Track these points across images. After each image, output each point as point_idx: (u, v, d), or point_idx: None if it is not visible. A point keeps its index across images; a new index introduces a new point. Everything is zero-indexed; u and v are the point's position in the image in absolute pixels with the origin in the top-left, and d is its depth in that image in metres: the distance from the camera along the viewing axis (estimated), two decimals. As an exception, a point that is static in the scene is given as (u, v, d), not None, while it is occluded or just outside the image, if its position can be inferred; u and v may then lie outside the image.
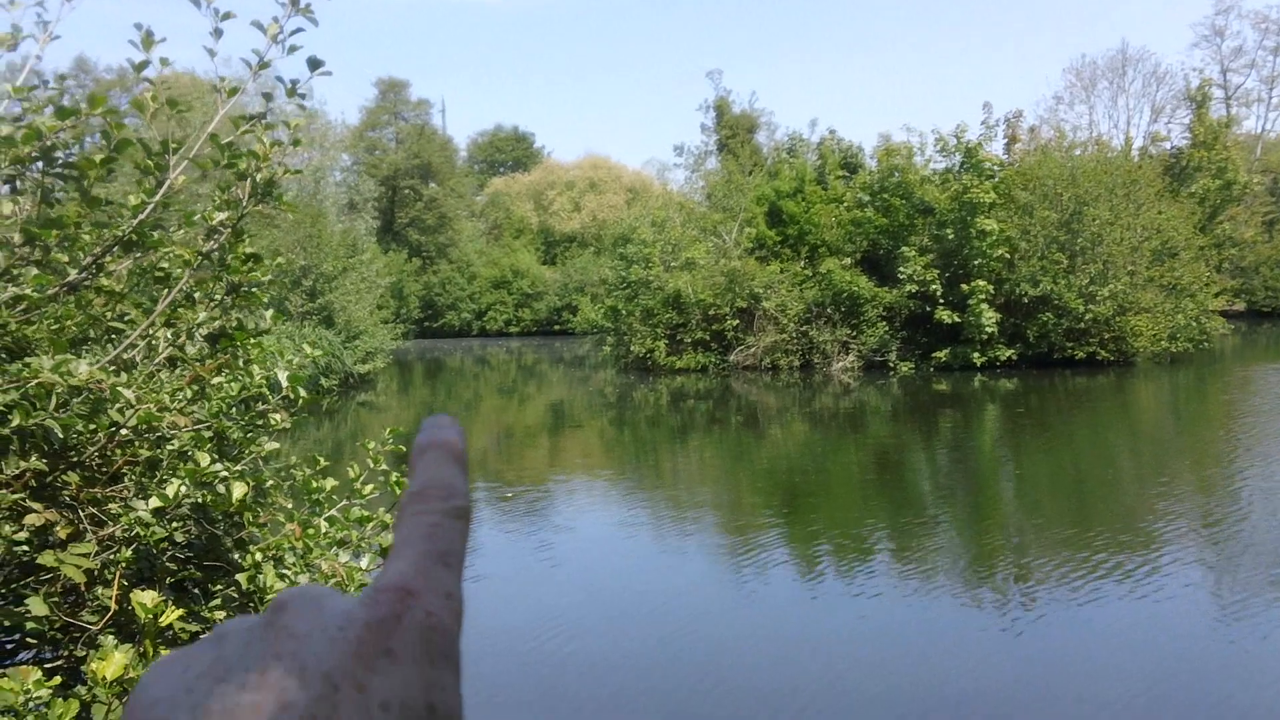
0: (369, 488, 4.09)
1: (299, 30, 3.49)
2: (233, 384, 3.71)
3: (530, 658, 8.03)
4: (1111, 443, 19.10)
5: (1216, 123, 55.01)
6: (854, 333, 31.88)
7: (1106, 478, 15.55)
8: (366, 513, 3.93)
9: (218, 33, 3.44)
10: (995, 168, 31.57)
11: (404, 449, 4.29)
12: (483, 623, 8.87)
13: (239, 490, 3.25)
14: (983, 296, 29.38)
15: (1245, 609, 8.64)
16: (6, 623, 2.76)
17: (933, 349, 30.86)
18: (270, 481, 3.80)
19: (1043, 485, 15.19)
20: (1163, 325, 30.08)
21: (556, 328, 62.92)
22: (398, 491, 4.01)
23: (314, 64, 3.53)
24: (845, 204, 34.69)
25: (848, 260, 32.44)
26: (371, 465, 4.15)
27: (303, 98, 3.63)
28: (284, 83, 3.53)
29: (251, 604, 3.43)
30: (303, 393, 3.78)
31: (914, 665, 7.69)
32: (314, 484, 3.95)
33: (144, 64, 3.26)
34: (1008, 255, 29.98)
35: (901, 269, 30.69)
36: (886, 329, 31.37)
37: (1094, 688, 6.98)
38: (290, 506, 3.90)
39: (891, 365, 31.03)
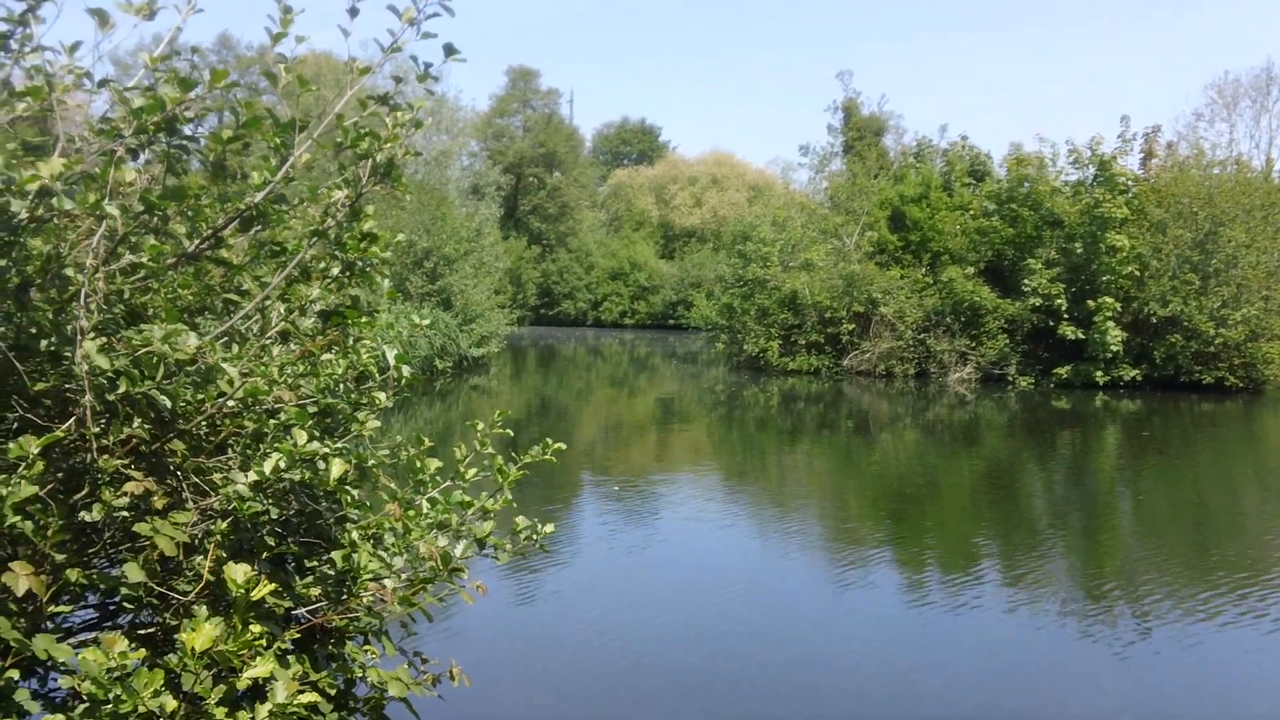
0: (472, 471, 4.08)
1: (435, 15, 3.49)
2: (341, 360, 3.74)
3: (611, 663, 8.00)
4: (1235, 472, 18.28)
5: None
6: (973, 344, 31.11)
7: (1228, 507, 14.91)
8: (468, 497, 3.91)
9: (354, 11, 3.46)
10: (1129, 183, 30.40)
11: (511, 433, 4.28)
12: (573, 615, 8.88)
13: (338, 468, 3.27)
14: (1109, 314, 28.35)
15: None
16: (103, 586, 2.82)
17: (1054, 365, 29.90)
18: (372, 461, 3.81)
19: (1161, 512, 14.57)
20: (1300, 353, 28.63)
21: (671, 322, 63.00)
22: (501, 477, 4.01)
23: (449, 50, 3.53)
24: (971, 212, 33.85)
25: (970, 269, 31.66)
26: (478, 448, 4.14)
27: (435, 80, 3.63)
28: (418, 64, 3.53)
29: (346, 583, 3.45)
30: (407, 372, 3.79)
31: (1018, 688, 7.44)
32: (418, 464, 3.96)
33: (280, 35, 3.28)
34: (1137, 273, 28.87)
35: (1026, 281, 29.81)
36: (1007, 342, 30.52)
37: None
38: (393, 486, 3.91)
39: (1010, 379, 30.18)
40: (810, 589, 10.19)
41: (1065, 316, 29.31)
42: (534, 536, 4.01)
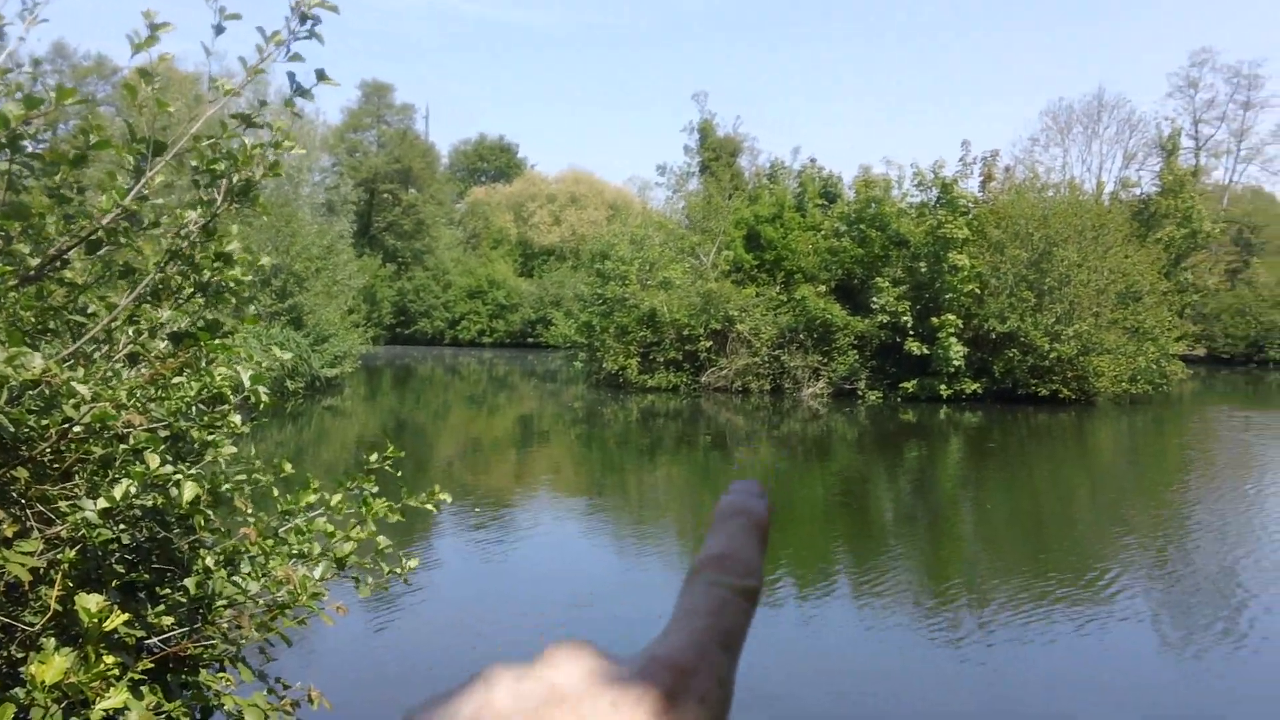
0: (338, 497, 4.02)
1: (307, 38, 3.41)
2: (193, 383, 3.65)
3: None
4: (1070, 480, 19.30)
5: (1185, 171, 55.81)
6: (825, 359, 32.03)
7: (1064, 515, 15.76)
8: (331, 526, 3.86)
9: (219, 29, 3.38)
10: (970, 204, 31.85)
11: (391, 469, 4.21)
12: (422, 638, 8.81)
13: (190, 491, 3.20)
14: (952, 330, 29.59)
15: (1192, 647, 8.80)
16: (-56, 620, 2.70)
17: (901, 379, 31.04)
18: (227, 485, 3.73)
19: (1002, 519, 15.30)
20: (1124, 367, 30.39)
21: (530, 340, 62.80)
22: (367, 509, 3.96)
23: (321, 75, 3.48)
24: (823, 232, 34.88)
25: (822, 288, 32.61)
26: (359, 482, 4.06)
27: (310, 98, 3.58)
28: (293, 82, 3.44)
29: (200, 610, 3.37)
30: (264, 395, 3.73)
31: (869, 693, 7.72)
32: (289, 497, 3.89)
33: (144, 45, 3.17)
34: (978, 291, 30.23)
35: (874, 299, 30.88)
36: (857, 357, 31.55)
37: None
38: (250, 511, 3.83)
39: (860, 393, 31.18)
40: (668, 606, 10.31)
41: (911, 333, 30.45)
42: (398, 570, 3.99)
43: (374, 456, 4.12)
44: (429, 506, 4.05)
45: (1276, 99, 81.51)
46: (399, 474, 4.16)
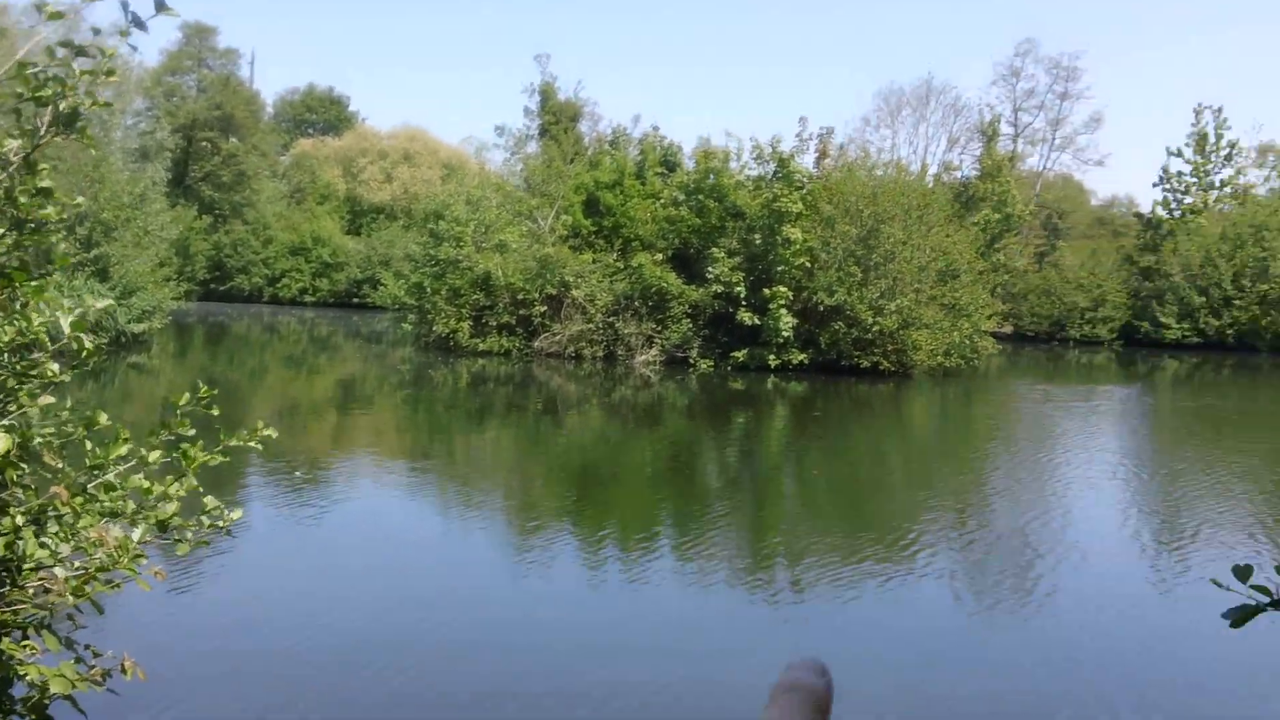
0: (156, 454, 3.68)
1: None
2: (6, 328, 3.26)
3: (296, 653, 7.64)
4: (885, 448, 20.08)
5: (1003, 157, 58.72)
6: (659, 327, 32.27)
7: (878, 480, 16.46)
8: (148, 483, 3.53)
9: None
10: (804, 180, 32.53)
11: (212, 411, 3.86)
12: (244, 616, 8.41)
13: (2, 444, 2.85)
14: (783, 302, 30.22)
15: (985, 599, 9.40)
16: None
17: (732, 349, 31.56)
18: (38, 440, 3.36)
19: (821, 484, 15.83)
20: (940, 341, 31.74)
21: (356, 301, 61.14)
22: (187, 461, 3.63)
23: (160, 5, 3.11)
24: (661, 201, 35.01)
25: (659, 256, 32.76)
26: (175, 429, 3.71)
27: (140, 26, 3.21)
28: (128, 10, 3.07)
29: (7, 573, 3.03)
30: (88, 342, 3.37)
31: (686, 654, 7.78)
32: (98, 450, 3.52)
33: None
34: (808, 264, 30.94)
35: (710, 269, 31.22)
36: (690, 326, 31.90)
37: (851, 678, 7.18)
38: (62, 467, 3.46)
39: (692, 362, 31.57)
40: (497, 570, 10.17)
41: (744, 303, 30.97)
42: (219, 524, 3.67)
43: (185, 399, 3.77)
44: (253, 445, 3.74)
45: (1092, 91, 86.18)
46: (216, 416, 3.81)
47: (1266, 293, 48.65)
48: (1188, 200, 56.96)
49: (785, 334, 30.33)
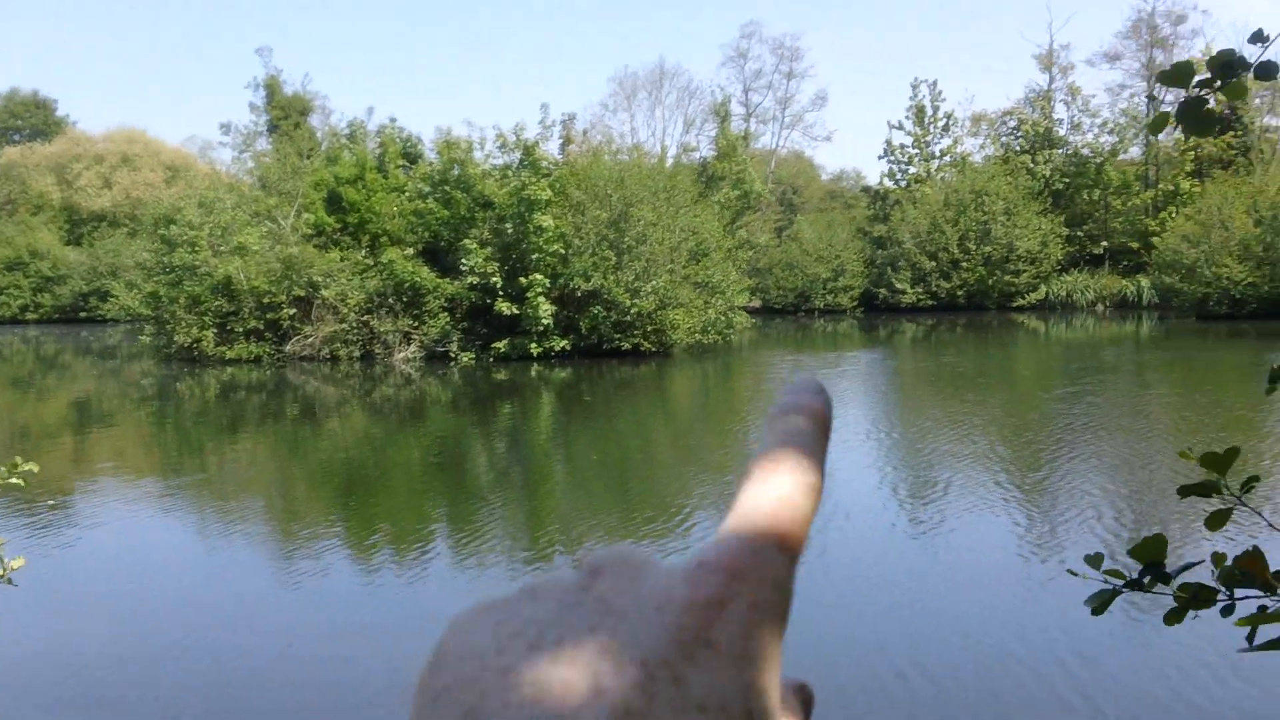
0: None
1: None
2: None
3: (60, 679, 6.99)
4: (652, 427, 20.41)
5: (737, 137, 60.97)
6: (416, 323, 31.57)
7: (649, 459, 16.66)
8: None
9: None
10: (551, 166, 32.61)
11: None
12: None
13: None
14: (540, 290, 30.18)
15: None
16: None
17: (493, 340, 31.27)
18: None
19: (593, 468, 15.85)
20: (697, 319, 32.61)
21: (84, 315, 56.77)
22: None
23: None
24: (407, 194, 34.23)
25: (410, 250, 32.03)
26: None
27: None
28: None
29: None
30: None
31: None
32: None
33: None
34: (563, 250, 31.05)
35: (463, 261, 30.77)
36: (448, 320, 31.38)
37: None
38: None
39: (453, 356, 31.09)
40: (262, 584, 9.65)
41: (501, 293, 30.71)
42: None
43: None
44: (14, 480, 3.34)
45: (815, 70, 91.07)
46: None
47: (990, 254, 52.56)
48: (911, 170, 60.80)
49: (545, 322, 30.32)
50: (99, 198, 66.46)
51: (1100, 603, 1.96)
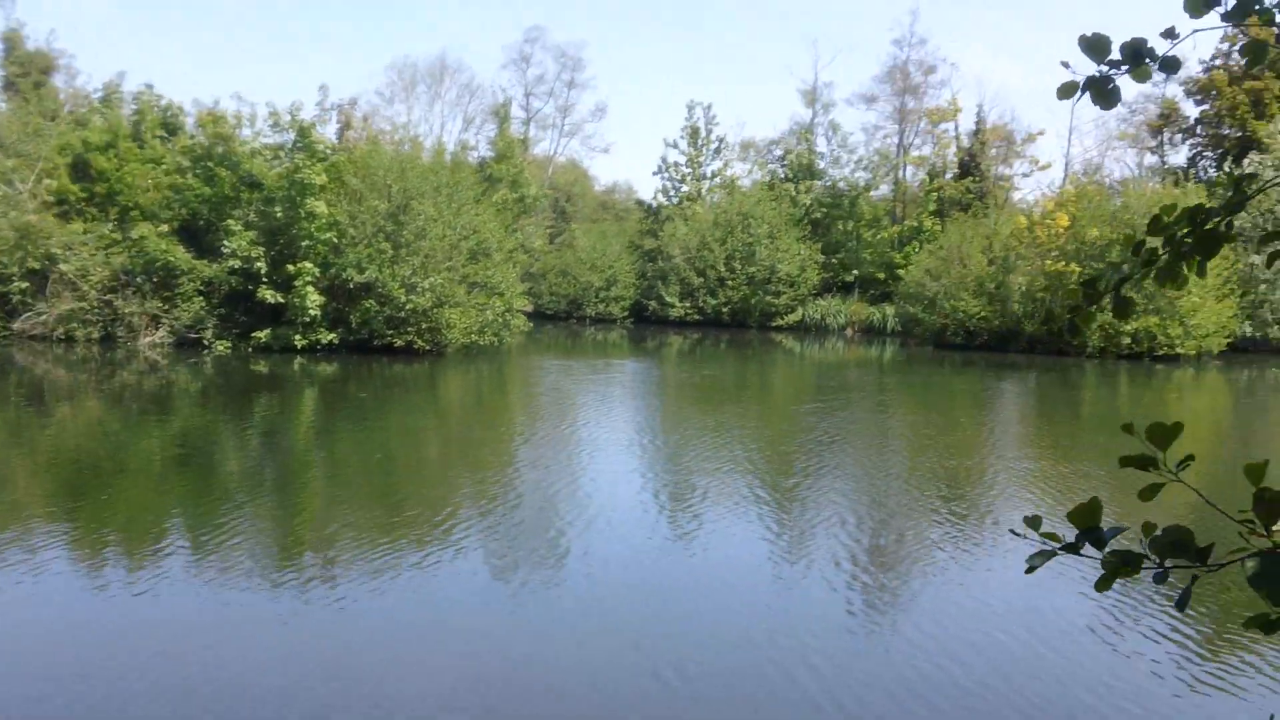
0: None
1: None
2: None
3: None
4: (421, 428, 19.80)
5: (516, 140, 60.62)
6: (167, 306, 29.48)
7: (416, 461, 16.28)
8: None
9: None
10: (328, 151, 31.17)
11: None
12: None
13: None
14: (309, 279, 28.81)
15: (520, 571, 9.64)
16: None
17: (253, 328, 29.59)
18: None
19: (354, 470, 15.25)
20: (474, 320, 31.99)
21: None
22: None
23: None
24: (164, 167, 31.83)
25: (164, 227, 29.81)
26: None
27: None
28: None
29: None
30: None
31: (209, 657, 7.21)
32: None
33: None
34: (336, 240, 29.72)
35: (225, 243, 28.90)
36: (204, 304, 29.43)
37: (400, 655, 7.10)
38: None
39: (207, 343, 29.23)
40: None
41: (265, 280, 29.12)
42: None
43: None
44: None
45: (597, 81, 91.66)
46: None
47: (754, 274, 54.64)
48: (684, 189, 62.31)
49: (312, 312, 28.91)
50: None
51: (1038, 562, 2.11)
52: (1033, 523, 2.09)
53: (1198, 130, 58.77)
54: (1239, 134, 53.62)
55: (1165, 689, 7.22)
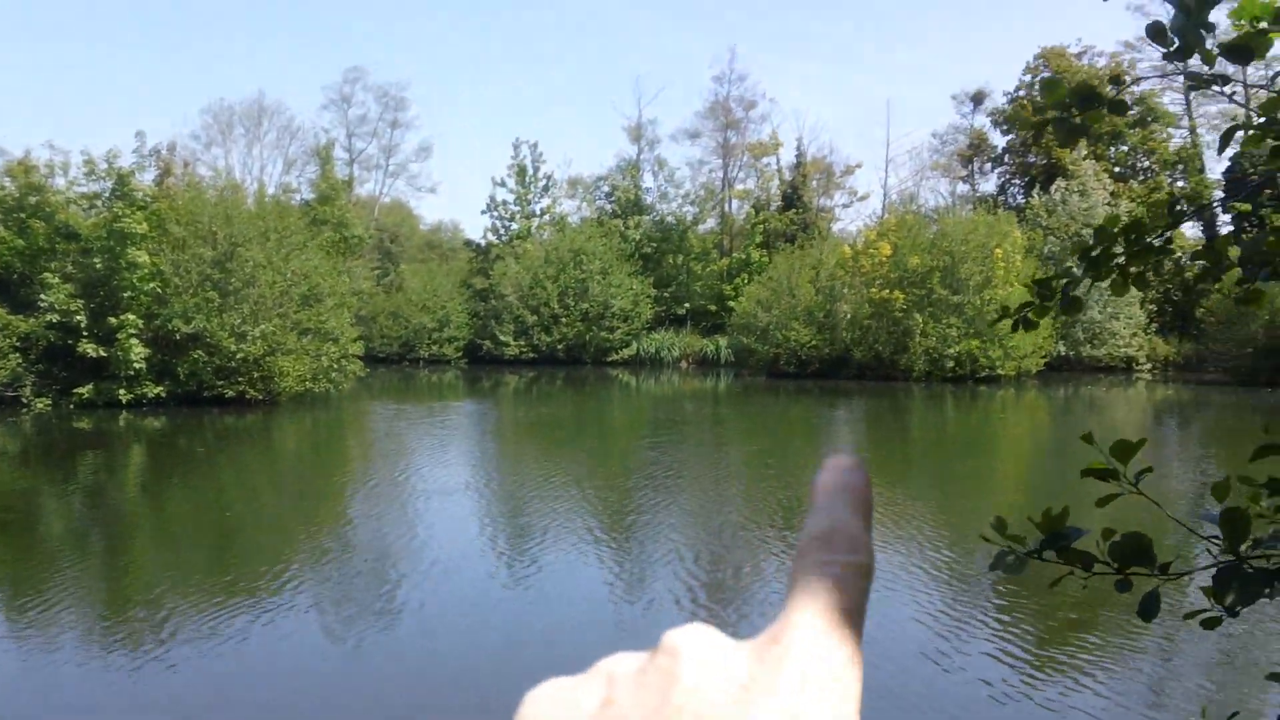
0: None
1: None
2: None
3: None
4: (255, 480, 19.42)
5: (340, 181, 59.94)
6: (-22, 364, 27.96)
7: (250, 515, 15.81)
8: None
9: None
10: (148, 198, 30.30)
11: None
12: None
13: None
14: (132, 331, 27.87)
15: (356, 626, 9.51)
16: None
17: (75, 384, 28.34)
18: None
19: (185, 528, 14.72)
20: (308, 367, 31.53)
21: None
22: None
23: None
24: (-30, 219, 30.26)
25: (-28, 281, 28.36)
26: None
27: None
28: None
29: None
30: None
31: None
32: None
33: None
34: (160, 289, 28.90)
35: (41, 296, 27.71)
36: (21, 361, 28.03)
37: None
38: None
39: (26, 401, 27.83)
40: None
41: (86, 334, 27.99)
42: None
43: None
44: None
45: (421, 121, 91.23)
46: None
47: (588, 310, 55.30)
48: (514, 227, 62.67)
49: (137, 365, 27.97)
50: None
51: (1005, 565, 2.19)
52: (999, 526, 2.28)
53: (1005, 159, 62.99)
54: (1044, 161, 57.73)
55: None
